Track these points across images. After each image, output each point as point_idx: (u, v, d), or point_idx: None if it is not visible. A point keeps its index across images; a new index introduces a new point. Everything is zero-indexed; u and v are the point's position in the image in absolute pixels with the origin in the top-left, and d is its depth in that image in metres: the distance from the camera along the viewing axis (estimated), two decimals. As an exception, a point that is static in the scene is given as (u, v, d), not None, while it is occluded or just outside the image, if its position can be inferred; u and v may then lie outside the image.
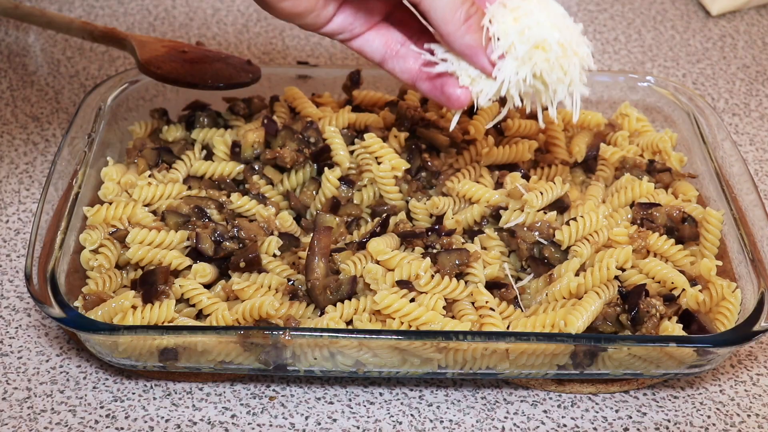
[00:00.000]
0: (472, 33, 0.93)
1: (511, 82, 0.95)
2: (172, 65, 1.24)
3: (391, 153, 1.17)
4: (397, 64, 1.00)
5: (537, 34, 0.93)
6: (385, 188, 1.16)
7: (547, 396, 1.06)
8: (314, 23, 0.97)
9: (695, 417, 1.04)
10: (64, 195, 1.11)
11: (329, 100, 1.30)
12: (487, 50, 0.94)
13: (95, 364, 1.08)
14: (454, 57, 0.97)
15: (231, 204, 1.15)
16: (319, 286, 1.04)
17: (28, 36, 1.58)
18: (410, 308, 1.00)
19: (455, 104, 0.98)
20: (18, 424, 1.01)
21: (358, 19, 0.98)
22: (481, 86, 0.97)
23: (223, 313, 1.02)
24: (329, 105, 1.29)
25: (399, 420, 1.03)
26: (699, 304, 1.04)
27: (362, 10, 0.98)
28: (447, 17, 0.92)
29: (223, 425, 1.02)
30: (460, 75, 0.97)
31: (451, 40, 0.93)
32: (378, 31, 1.00)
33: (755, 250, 1.07)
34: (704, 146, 1.22)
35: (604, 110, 1.34)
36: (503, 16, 0.94)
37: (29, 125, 1.40)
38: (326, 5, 0.95)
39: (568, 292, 1.05)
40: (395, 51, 1.00)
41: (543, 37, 0.93)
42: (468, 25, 0.92)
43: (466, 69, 0.97)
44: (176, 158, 1.22)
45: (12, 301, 1.14)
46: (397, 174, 1.16)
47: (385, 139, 1.20)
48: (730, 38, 1.67)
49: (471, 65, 0.96)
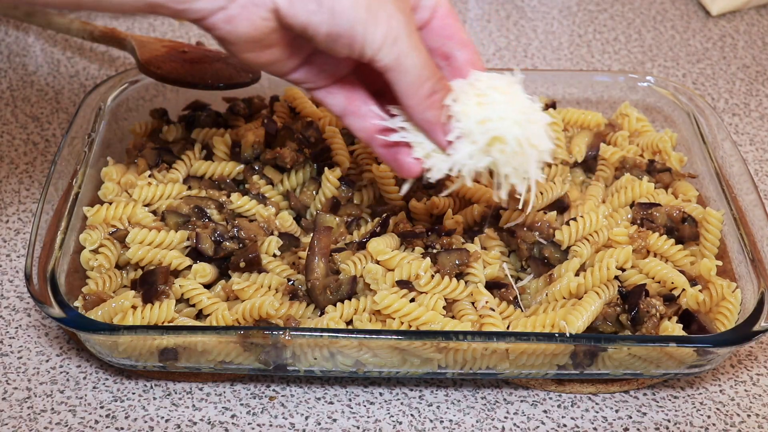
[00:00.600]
0: (434, 110, 0.92)
1: (465, 164, 0.95)
2: (172, 65, 1.24)
3: (391, 153, 1.17)
4: (356, 122, 0.98)
5: (497, 128, 0.93)
6: (385, 188, 1.16)
7: (547, 396, 1.06)
8: (278, 72, 0.95)
9: (695, 417, 1.04)
10: (64, 195, 1.11)
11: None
12: (446, 128, 0.94)
13: (95, 364, 1.08)
14: (413, 128, 0.96)
15: (231, 204, 1.15)
16: (319, 286, 1.04)
17: (28, 36, 1.58)
18: (410, 308, 1.00)
19: (406, 174, 0.98)
20: (18, 424, 1.01)
21: (323, 72, 0.96)
22: (434, 161, 0.96)
23: (223, 313, 1.02)
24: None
25: (399, 420, 1.03)
26: (699, 304, 1.04)
27: (328, 66, 0.96)
28: (411, 91, 0.91)
29: (223, 425, 1.02)
30: (415, 147, 0.97)
31: (412, 113, 0.93)
32: (342, 86, 0.98)
33: (755, 250, 1.07)
34: (704, 146, 1.22)
35: (604, 110, 1.34)
36: (468, 98, 0.93)
37: (29, 125, 1.40)
38: (289, 59, 0.94)
39: (568, 292, 1.05)
40: (356, 108, 0.98)
41: (502, 133, 0.93)
42: (431, 101, 0.92)
43: (422, 142, 0.96)
44: (176, 158, 1.22)
45: (12, 301, 1.14)
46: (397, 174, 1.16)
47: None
48: (730, 38, 1.67)
49: (428, 139, 0.96)
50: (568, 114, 1.28)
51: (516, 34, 1.66)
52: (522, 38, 1.65)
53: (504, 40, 1.64)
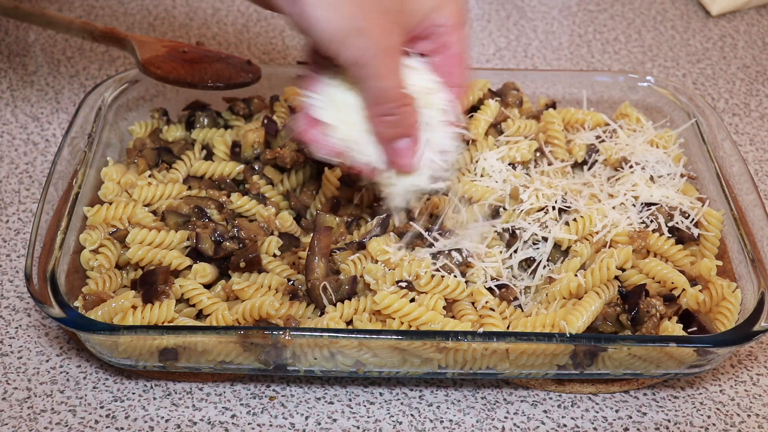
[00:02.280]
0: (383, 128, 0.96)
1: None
2: (172, 65, 1.24)
3: (391, 153, 1.17)
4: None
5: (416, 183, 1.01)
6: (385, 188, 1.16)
7: (547, 396, 1.06)
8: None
9: (695, 417, 1.04)
10: (64, 195, 1.11)
11: (329, 100, 1.30)
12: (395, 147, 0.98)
13: (95, 364, 1.08)
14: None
15: (231, 204, 1.15)
16: (319, 286, 1.04)
17: (28, 36, 1.58)
18: (410, 308, 1.00)
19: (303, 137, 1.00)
20: (18, 424, 1.01)
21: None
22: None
23: (223, 313, 1.02)
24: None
25: (399, 420, 1.03)
26: (699, 304, 1.04)
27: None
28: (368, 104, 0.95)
29: (223, 425, 1.02)
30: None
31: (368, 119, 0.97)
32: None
33: (755, 250, 1.07)
34: (704, 146, 1.22)
35: (604, 110, 1.34)
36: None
37: (29, 125, 1.40)
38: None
39: (568, 292, 1.05)
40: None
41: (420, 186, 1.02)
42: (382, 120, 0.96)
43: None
44: (176, 158, 1.22)
45: (12, 301, 1.14)
46: (397, 174, 1.16)
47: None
48: (730, 38, 1.67)
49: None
50: (568, 114, 1.28)
51: (516, 34, 1.66)
52: (522, 38, 1.65)
53: (504, 40, 1.64)
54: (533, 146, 1.21)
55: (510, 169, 1.18)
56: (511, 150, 1.19)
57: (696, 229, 1.12)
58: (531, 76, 1.36)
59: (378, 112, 0.95)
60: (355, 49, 0.88)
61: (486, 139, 1.21)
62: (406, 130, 0.97)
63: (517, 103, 1.29)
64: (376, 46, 0.89)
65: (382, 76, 0.91)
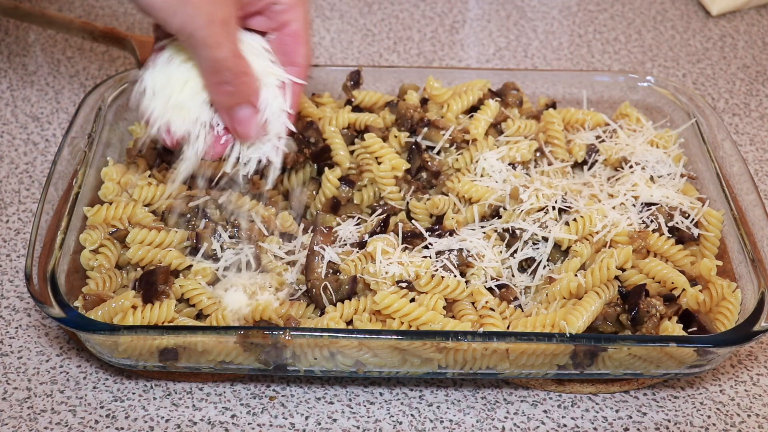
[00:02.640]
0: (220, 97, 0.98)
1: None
2: (172, 65, 1.24)
3: (391, 153, 1.17)
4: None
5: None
6: (385, 188, 1.16)
7: (547, 396, 1.06)
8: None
9: (695, 417, 1.04)
10: (64, 195, 1.11)
11: (329, 100, 1.30)
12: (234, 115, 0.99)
13: (95, 364, 1.08)
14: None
15: (231, 204, 1.15)
16: (319, 286, 1.04)
17: (28, 36, 1.58)
18: (410, 308, 1.00)
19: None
20: (18, 424, 1.01)
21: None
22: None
23: (223, 313, 1.02)
24: (329, 105, 1.29)
25: (399, 420, 1.03)
26: (699, 304, 1.04)
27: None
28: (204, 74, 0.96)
29: (223, 425, 1.02)
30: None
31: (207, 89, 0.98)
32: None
33: (755, 250, 1.07)
34: (704, 146, 1.22)
35: (604, 110, 1.34)
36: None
37: (29, 125, 1.40)
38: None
39: (568, 292, 1.05)
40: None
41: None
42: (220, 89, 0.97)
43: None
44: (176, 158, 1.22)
45: (12, 301, 1.14)
46: (397, 174, 1.16)
47: (385, 139, 1.20)
48: (730, 38, 1.67)
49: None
50: (568, 114, 1.28)
51: (516, 34, 1.66)
52: (522, 38, 1.65)
53: (504, 40, 1.64)
54: (533, 146, 1.21)
55: (510, 169, 1.18)
56: (511, 150, 1.19)
57: (696, 229, 1.12)
58: (531, 76, 1.36)
59: (214, 80, 0.96)
60: (181, 18, 0.89)
61: (486, 139, 1.21)
62: (245, 98, 0.98)
63: (517, 103, 1.29)
64: (206, 16, 0.90)
65: (214, 46, 0.92)
